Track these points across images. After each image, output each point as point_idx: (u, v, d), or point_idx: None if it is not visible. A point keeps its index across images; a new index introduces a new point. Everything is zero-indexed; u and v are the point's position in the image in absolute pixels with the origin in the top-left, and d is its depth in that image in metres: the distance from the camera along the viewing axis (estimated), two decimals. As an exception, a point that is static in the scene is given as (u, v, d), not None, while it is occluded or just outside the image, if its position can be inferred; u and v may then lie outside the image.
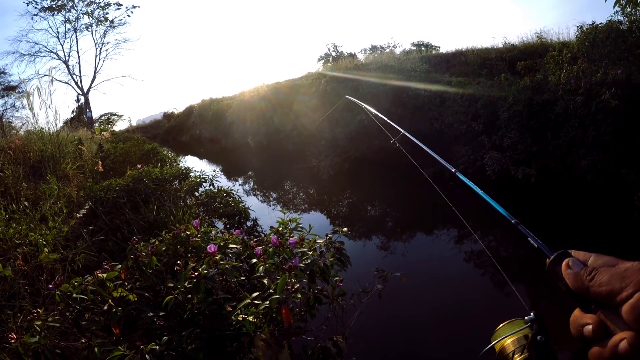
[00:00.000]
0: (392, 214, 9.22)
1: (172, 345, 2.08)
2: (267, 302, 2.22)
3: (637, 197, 6.26)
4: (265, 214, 9.72)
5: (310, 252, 2.62)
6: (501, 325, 0.97)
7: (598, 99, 6.86)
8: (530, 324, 0.87)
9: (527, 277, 5.10)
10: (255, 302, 2.32)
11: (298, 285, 2.30)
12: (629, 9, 7.22)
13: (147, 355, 1.89)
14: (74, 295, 2.18)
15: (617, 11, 7.41)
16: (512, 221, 1.03)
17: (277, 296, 2.20)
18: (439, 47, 23.74)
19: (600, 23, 7.36)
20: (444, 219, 8.15)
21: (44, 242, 3.41)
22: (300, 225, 3.41)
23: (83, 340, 2.02)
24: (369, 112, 3.45)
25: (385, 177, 11.70)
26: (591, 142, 6.93)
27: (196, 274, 2.36)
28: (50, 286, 2.20)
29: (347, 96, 4.90)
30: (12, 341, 1.96)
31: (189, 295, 2.44)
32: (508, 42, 12.49)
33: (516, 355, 0.91)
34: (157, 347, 1.98)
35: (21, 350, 1.95)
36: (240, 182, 14.72)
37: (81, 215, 4.88)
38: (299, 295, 2.29)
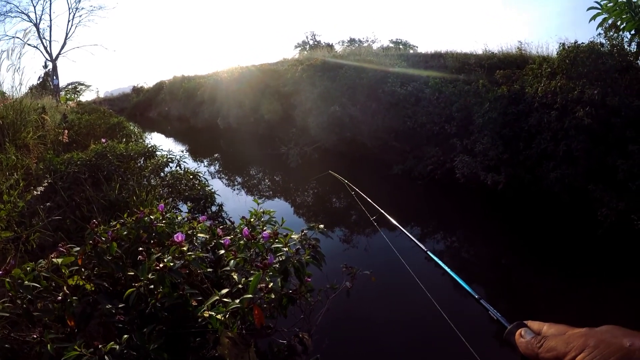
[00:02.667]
0: (360, 209, 9.18)
1: (133, 343, 1.93)
2: (238, 302, 2.08)
3: (601, 213, 6.41)
4: (229, 197, 9.59)
5: (285, 249, 2.50)
6: None
7: (572, 115, 6.96)
8: None
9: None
10: (225, 299, 2.17)
11: (272, 284, 2.17)
12: (611, 33, 7.37)
13: (105, 356, 1.73)
14: (26, 282, 1.99)
15: (599, 33, 7.56)
16: (475, 297, 1.15)
17: (250, 296, 2.06)
18: (417, 47, 23.90)
19: (582, 43, 7.47)
20: (414, 216, 8.18)
21: (-3, 217, 3.17)
22: (274, 219, 3.29)
23: (35, 336, 1.84)
24: (351, 189, 3.69)
25: (354, 170, 11.68)
26: (562, 156, 7.03)
27: (161, 265, 2.20)
28: (0, 272, 1.99)
29: (330, 171, 4.82)
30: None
31: (152, 287, 2.28)
32: (488, 50, 12.58)
33: None
34: (117, 346, 1.82)
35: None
36: (206, 163, 14.49)
37: (37, 193, 4.59)
38: (273, 296, 2.16)
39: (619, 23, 7.13)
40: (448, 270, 1.43)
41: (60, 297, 2.05)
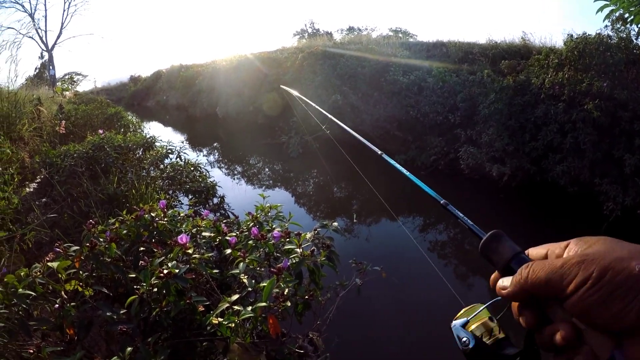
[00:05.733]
0: (365, 203, 9.06)
1: (137, 356, 1.79)
2: (250, 309, 1.93)
3: (607, 207, 6.32)
4: (229, 187, 9.44)
5: (299, 250, 2.35)
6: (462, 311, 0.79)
7: (580, 107, 6.86)
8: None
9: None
10: (235, 306, 2.02)
11: (288, 290, 2.02)
12: (618, 25, 7.21)
13: (108, 372, 1.61)
14: (20, 291, 1.85)
15: (606, 26, 7.40)
16: (441, 202, 0.99)
17: (264, 304, 1.91)
18: (416, 35, 23.65)
19: (590, 34, 7.32)
20: (418, 207, 8.08)
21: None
22: (281, 214, 3.16)
23: (31, 351, 1.71)
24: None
25: (356, 159, 11.55)
26: (568, 148, 6.94)
27: (165, 272, 2.04)
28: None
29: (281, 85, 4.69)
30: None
31: (155, 291, 2.13)
32: (491, 40, 12.41)
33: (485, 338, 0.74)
34: (121, 360, 1.69)
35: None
36: (205, 153, 14.33)
37: (31, 189, 4.43)
38: (288, 304, 2.01)
39: (626, 16, 6.97)
40: (406, 173, 1.24)
41: (57, 304, 1.92)
